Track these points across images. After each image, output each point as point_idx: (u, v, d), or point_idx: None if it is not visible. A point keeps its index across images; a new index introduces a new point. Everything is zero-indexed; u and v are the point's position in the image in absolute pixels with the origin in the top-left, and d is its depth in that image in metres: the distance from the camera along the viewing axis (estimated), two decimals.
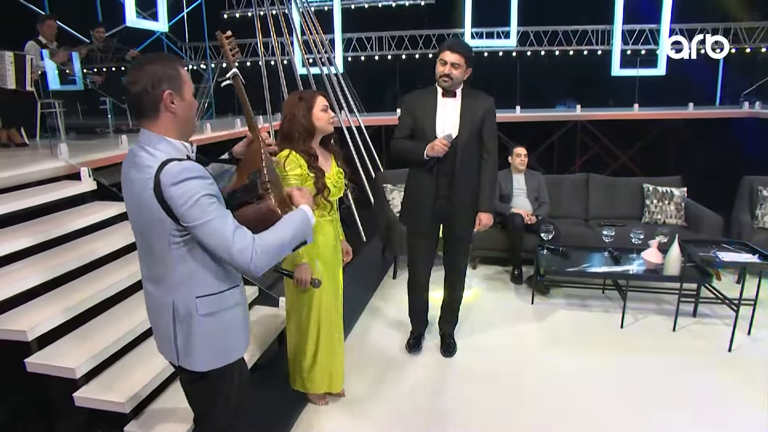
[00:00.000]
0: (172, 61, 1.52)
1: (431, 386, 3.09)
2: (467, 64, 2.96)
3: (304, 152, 2.48)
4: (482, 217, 3.12)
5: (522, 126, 7.48)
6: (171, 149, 1.50)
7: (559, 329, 3.75)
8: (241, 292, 1.71)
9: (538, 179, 4.87)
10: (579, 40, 8.18)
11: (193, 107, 1.58)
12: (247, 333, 1.76)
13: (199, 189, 1.45)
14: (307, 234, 1.64)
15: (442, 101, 3.05)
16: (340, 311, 2.86)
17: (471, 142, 3.03)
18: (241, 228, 1.50)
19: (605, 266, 3.85)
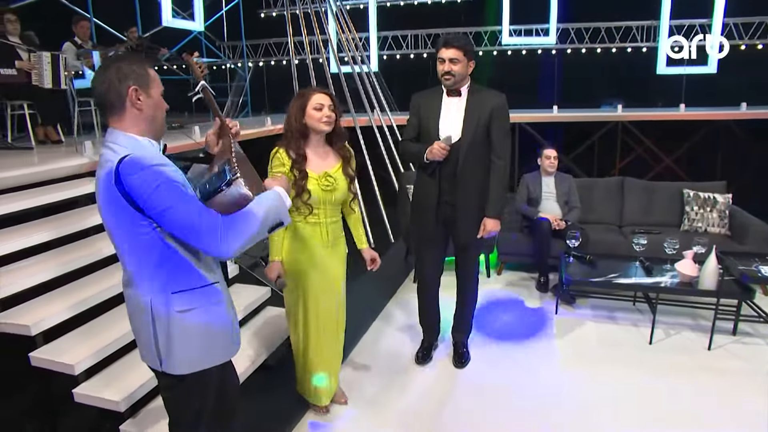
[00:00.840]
0: (142, 61, 1.51)
1: (437, 398, 2.95)
2: (467, 56, 2.80)
3: (293, 151, 2.42)
4: (487, 224, 2.96)
5: (559, 127, 7.20)
6: (135, 146, 1.47)
7: (582, 342, 3.54)
8: (222, 289, 1.64)
9: (568, 182, 4.64)
10: (623, 36, 7.79)
11: (160, 106, 1.55)
12: (233, 335, 1.69)
13: (161, 176, 1.41)
14: (282, 215, 1.55)
15: (446, 101, 2.91)
16: (335, 320, 2.72)
17: (476, 144, 2.87)
18: (208, 210, 1.45)
19: (634, 277, 3.60)
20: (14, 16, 4.80)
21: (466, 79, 2.88)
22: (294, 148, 2.43)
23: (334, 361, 2.78)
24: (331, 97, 2.48)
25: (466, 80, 2.90)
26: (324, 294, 2.63)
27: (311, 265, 2.56)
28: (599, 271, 3.74)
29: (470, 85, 2.92)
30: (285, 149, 2.43)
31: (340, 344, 2.82)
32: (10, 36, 4.77)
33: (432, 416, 2.80)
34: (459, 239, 3.05)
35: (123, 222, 1.46)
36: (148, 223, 1.45)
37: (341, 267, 2.72)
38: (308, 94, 2.45)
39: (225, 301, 1.65)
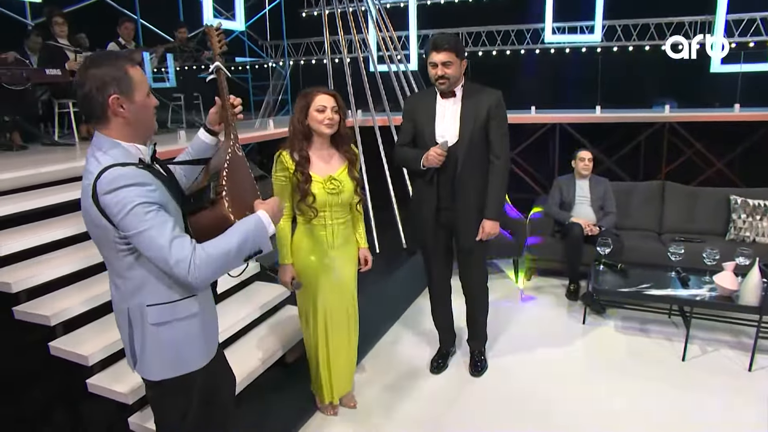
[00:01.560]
0: (121, 61, 1.45)
1: (446, 407, 2.88)
2: (459, 57, 2.71)
3: (297, 153, 2.39)
4: (485, 225, 2.85)
5: (601, 128, 6.90)
6: (121, 154, 1.45)
7: (608, 355, 3.36)
8: (197, 302, 1.61)
9: (604, 186, 4.43)
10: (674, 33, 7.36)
11: (146, 108, 1.51)
12: (205, 345, 1.67)
13: (134, 197, 1.38)
14: (261, 243, 1.51)
15: (441, 103, 2.81)
16: (347, 321, 2.71)
17: (475, 146, 2.76)
18: (180, 237, 1.42)
19: (669, 289, 3.39)
20: (62, 18, 5.03)
21: (460, 79, 2.79)
22: (297, 150, 2.39)
23: (347, 360, 2.76)
24: (335, 98, 2.43)
25: (460, 80, 2.80)
26: (334, 294, 2.61)
27: (321, 266, 2.54)
28: (631, 280, 3.55)
29: (464, 84, 2.82)
30: (288, 152, 2.41)
31: (353, 344, 2.79)
32: (59, 38, 5.00)
33: (438, 426, 2.72)
34: (461, 243, 2.96)
35: (101, 235, 1.46)
36: (125, 240, 1.44)
37: (352, 267, 2.69)
38: (311, 94, 2.41)
39: (200, 314, 1.62)
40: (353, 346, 2.80)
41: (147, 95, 1.51)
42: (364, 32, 7.01)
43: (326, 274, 2.56)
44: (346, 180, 2.49)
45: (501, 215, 2.94)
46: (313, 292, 2.56)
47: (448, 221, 2.92)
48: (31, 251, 2.88)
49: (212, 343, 1.71)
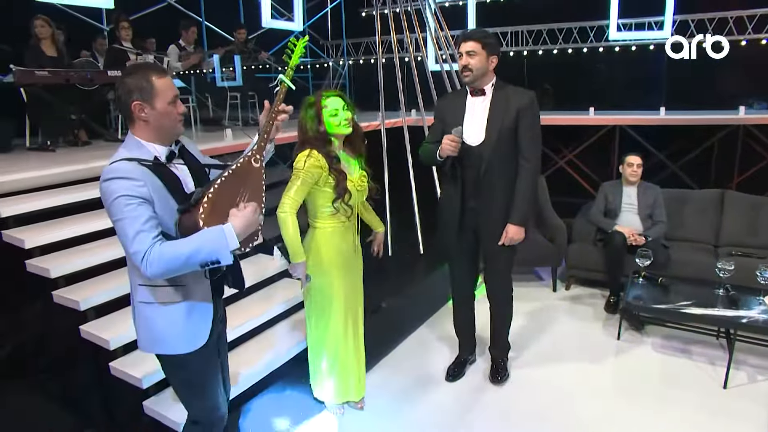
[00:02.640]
0: (149, 72, 1.63)
1: (458, 418, 2.81)
2: (486, 50, 2.61)
3: (325, 155, 2.39)
4: (509, 230, 2.74)
5: (667, 131, 6.46)
6: (138, 150, 1.64)
7: (641, 376, 3.14)
8: (182, 292, 1.71)
9: (654, 194, 4.14)
10: (757, 27, 6.72)
11: (167, 116, 1.65)
12: (188, 335, 1.75)
13: (119, 190, 1.54)
14: (219, 254, 1.56)
15: (470, 101, 2.74)
16: (359, 320, 2.74)
17: (501, 146, 2.67)
18: (146, 232, 1.53)
19: (712, 307, 3.12)
20: (127, 23, 5.38)
21: (488, 75, 2.70)
22: (325, 154, 2.39)
23: (360, 360, 2.79)
24: (342, 97, 2.45)
25: (489, 77, 2.71)
26: (353, 294, 2.67)
27: (344, 266, 2.57)
28: (671, 296, 3.31)
29: (496, 82, 2.73)
30: (319, 152, 2.37)
31: (363, 346, 2.81)
32: (124, 42, 5.35)
33: None
34: (484, 247, 2.87)
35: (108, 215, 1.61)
36: None
37: (361, 267, 2.74)
38: (320, 101, 2.41)
39: (185, 304, 1.73)
40: (363, 352, 2.81)
41: (171, 103, 1.65)
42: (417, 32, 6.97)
43: (348, 275, 2.60)
44: (365, 176, 2.56)
45: (527, 220, 2.81)
46: (335, 292, 2.58)
47: (472, 222, 2.84)
48: (75, 240, 3.11)
49: (199, 336, 1.78)
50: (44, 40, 4.75)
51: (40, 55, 4.70)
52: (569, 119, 6.69)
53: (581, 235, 4.34)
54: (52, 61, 4.74)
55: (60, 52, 4.86)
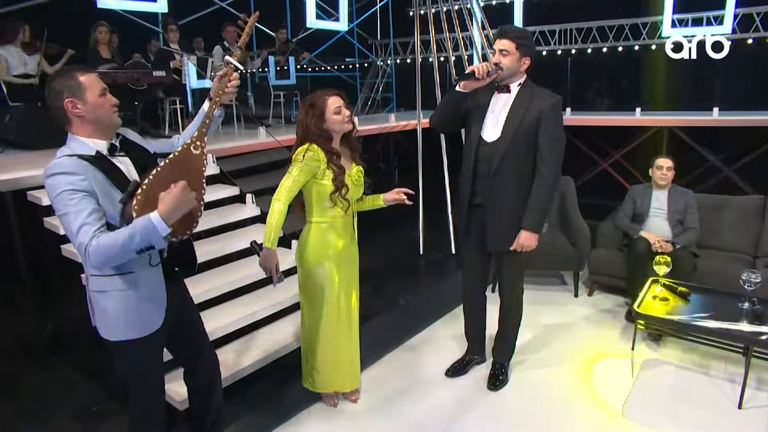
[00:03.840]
0: (73, 71, 1.73)
1: (451, 418, 2.79)
2: (519, 50, 2.58)
3: (326, 151, 2.49)
4: (521, 236, 2.69)
5: (720, 132, 6.08)
6: (78, 146, 1.72)
7: (651, 391, 3.00)
8: (132, 281, 1.79)
9: (686, 199, 3.92)
10: None
11: (100, 107, 1.73)
12: (138, 321, 1.84)
13: (63, 185, 1.62)
14: (152, 240, 1.63)
15: (495, 96, 2.72)
16: (354, 313, 2.80)
17: (516, 147, 2.63)
18: (88, 225, 1.62)
19: (730, 321, 2.93)
20: (175, 26, 5.73)
21: (517, 75, 2.66)
22: (327, 149, 2.49)
23: (353, 352, 2.85)
24: (342, 96, 2.53)
25: (518, 76, 2.68)
26: (347, 286, 2.73)
27: (340, 260, 2.65)
28: (687, 307, 3.13)
29: (523, 82, 2.69)
30: (318, 146, 2.47)
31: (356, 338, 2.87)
32: (171, 43, 5.70)
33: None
34: (489, 247, 2.84)
35: None
36: None
37: (356, 262, 2.81)
38: (322, 101, 2.50)
39: (135, 292, 1.80)
40: (356, 345, 2.87)
41: (101, 95, 1.74)
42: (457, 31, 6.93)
43: (343, 269, 2.67)
44: (361, 171, 2.65)
45: (540, 227, 2.75)
46: (330, 285, 2.66)
47: (480, 219, 2.82)
48: None
49: (151, 322, 1.87)
50: (102, 44, 5.14)
51: (96, 57, 5.10)
52: (613, 120, 6.44)
53: (606, 240, 4.18)
54: (107, 63, 5.13)
55: (113, 55, 5.24)
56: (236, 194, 4.20)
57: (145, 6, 6.15)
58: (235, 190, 4.21)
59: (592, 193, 4.27)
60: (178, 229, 1.73)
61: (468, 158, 2.76)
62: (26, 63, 4.89)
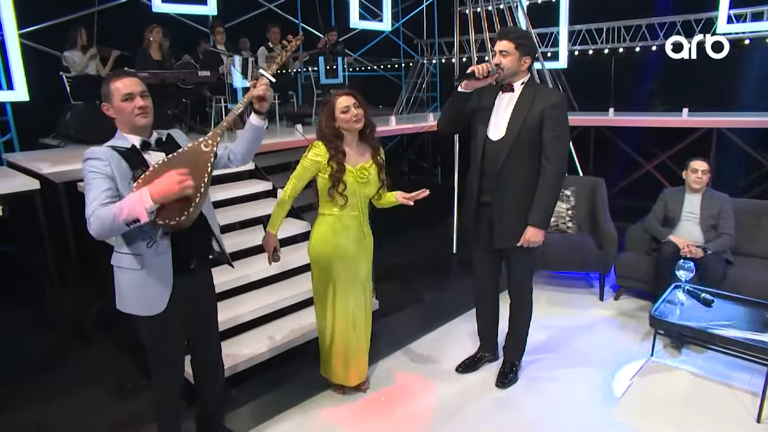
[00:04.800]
0: (110, 79, 2.04)
1: (450, 413, 2.84)
2: (519, 50, 2.62)
3: (333, 148, 2.62)
4: (527, 232, 2.71)
5: None
6: (118, 140, 2.04)
7: (665, 397, 2.93)
8: (139, 261, 2.00)
9: (721, 204, 3.77)
10: None
11: (122, 110, 1.99)
12: (144, 300, 2.04)
13: (88, 167, 1.92)
14: (136, 213, 1.78)
15: (500, 96, 2.76)
16: (362, 307, 2.88)
17: (520, 145, 2.66)
18: (97, 200, 1.86)
19: (752, 331, 2.82)
20: (222, 28, 6.03)
21: (519, 74, 2.70)
22: (333, 147, 2.63)
23: (360, 349, 2.94)
24: (353, 95, 2.64)
25: (520, 76, 2.71)
26: (353, 283, 2.81)
27: (344, 257, 2.75)
28: (707, 314, 3.03)
29: (527, 81, 2.72)
30: (326, 144, 2.64)
31: (367, 334, 2.96)
32: (218, 45, 6.00)
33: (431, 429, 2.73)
34: (496, 244, 2.87)
35: None
36: None
37: (369, 259, 2.89)
38: (332, 99, 2.65)
39: (141, 273, 2.01)
40: (367, 336, 2.96)
41: (124, 100, 1.98)
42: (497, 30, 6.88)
43: (348, 265, 2.77)
44: (373, 169, 2.72)
45: (547, 223, 2.77)
46: (334, 282, 2.78)
47: (487, 216, 2.86)
48: None
49: (155, 304, 2.05)
50: (153, 45, 5.50)
51: (147, 58, 5.46)
52: (658, 121, 6.21)
53: (635, 243, 4.08)
54: (157, 64, 5.48)
55: (164, 56, 5.59)
56: (269, 189, 4.40)
57: (197, 9, 6.53)
58: (269, 185, 4.41)
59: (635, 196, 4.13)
60: (167, 212, 1.87)
61: (475, 157, 2.81)
62: (86, 64, 5.31)
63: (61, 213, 3.79)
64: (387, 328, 3.79)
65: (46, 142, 5.39)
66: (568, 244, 4.21)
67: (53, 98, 5.47)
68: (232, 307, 3.43)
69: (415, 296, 4.40)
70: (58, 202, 3.78)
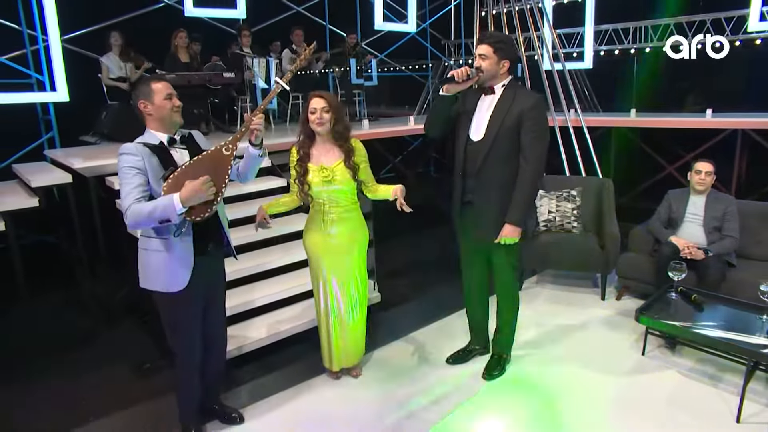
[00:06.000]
0: (149, 80, 2.29)
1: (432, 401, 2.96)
2: (497, 54, 2.73)
3: (301, 150, 2.84)
4: (504, 230, 2.81)
5: None
6: (148, 137, 2.28)
7: (653, 398, 2.95)
8: (164, 245, 2.26)
9: (725, 205, 3.74)
10: None
11: (162, 108, 2.24)
12: (165, 278, 2.29)
13: (123, 162, 2.16)
14: (168, 214, 2.08)
15: (482, 99, 2.88)
16: (350, 297, 3.03)
17: (498, 145, 2.77)
18: (131, 194, 2.11)
19: (737, 332, 2.82)
20: (248, 31, 6.30)
21: (498, 77, 2.81)
22: (301, 146, 2.85)
23: (351, 335, 3.10)
24: (325, 99, 2.78)
25: (502, 78, 2.82)
26: (339, 274, 2.98)
27: (325, 248, 2.94)
28: (696, 315, 3.06)
29: (508, 83, 2.83)
30: (297, 148, 2.88)
31: (358, 322, 3.10)
32: (244, 47, 6.28)
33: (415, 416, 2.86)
34: (476, 240, 2.97)
35: None
36: None
37: (355, 252, 3.01)
38: (308, 99, 2.82)
39: (166, 255, 2.27)
40: (359, 324, 3.11)
41: (165, 99, 2.24)
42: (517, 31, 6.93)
43: (330, 255, 2.94)
44: (340, 170, 2.83)
45: (523, 221, 2.86)
46: (319, 269, 2.98)
47: (470, 214, 2.98)
48: None
49: (177, 282, 2.30)
50: (181, 48, 5.83)
51: (176, 61, 5.79)
52: (681, 122, 6.11)
53: (638, 243, 4.09)
54: (185, 66, 5.80)
55: (192, 58, 5.91)
56: (284, 185, 4.63)
57: (227, 13, 6.84)
58: (283, 181, 4.64)
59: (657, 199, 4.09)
60: (194, 211, 2.16)
61: (458, 157, 2.93)
62: (121, 67, 5.69)
63: (91, 205, 4.13)
64: (386, 320, 3.95)
65: (85, 139, 5.78)
66: (571, 244, 4.25)
67: (93, 98, 5.87)
68: (247, 292, 3.68)
69: (417, 291, 4.54)
70: (89, 195, 4.11)
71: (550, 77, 6.57)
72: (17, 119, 5.64)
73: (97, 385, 3.21)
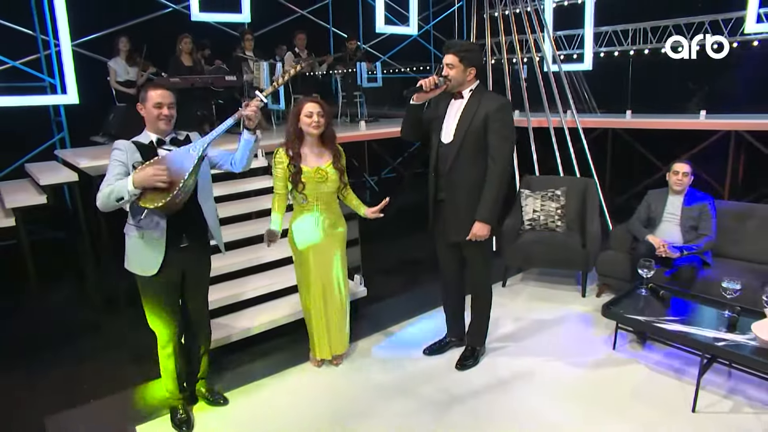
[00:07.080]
0: (148, 86, 2.56)
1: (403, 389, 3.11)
2: (462, 63, 2.87)
3: (291, 151, 2.98)
4: (474, 227, 2.96)
5: None
6: (143, 136, 2.57)
7: (617, 389, 3.06)
8: (139, 232, 2.51)
9: (702, 205, 3.83)
10: None
11: (150, 113, 2.51)
12: (141, 261, 2.55)
13: (112, 156, 2.47)
14: (122, 193, 2.32)
15: (452, 103, 3.03)
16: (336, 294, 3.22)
17: (466, 147, 2.93)
18: (109, 180, 2.37)
19: (700, 327, 2.93)
20: (251, 35, 6.52)
21: (466, 83, 2.95)
22: (291, 148, 3.00)
23: (334, 327, 3.28)
24: (320, 104, 2.97)
25: (468, 84, 2.97)
26: (322, 269, 3.16)
27: (311, 246, 3.11)
28: (660, 310, 3.17)
29: (475, 88, 2.98)
30: (285, 149, 3.02)
31: (340, 315, 3.28)
32: (246, 51, 6.50)
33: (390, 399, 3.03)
34: (448, 238, 3.12)
35: None
36: None
37: (339, 248, 3.20)
38: (301, 103, 2.99)
39: (140, 241, 2.53)
40: (341, 317, 3.29)
41: (154, 107, 2.49)
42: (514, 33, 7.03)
43: (316, 253, 3.12)
44: (331, 171, 3.04)
45: (492, 218, 3.00)
46: (306, 266, 3.15)
47: (444, 214, 3.13)
48: None
49: (149, 266, 2.55)
50: (185, 53, 6.07)
51: (179, 65, 6.03)
52: (674, 123, 6.17)
53: (618, 242, 4.19)
54: (188, 70, 6.04)
55: (195, 62, 6.15)
56: None
57: (232, 17, 7.07)
58: None
59: None
60: (149, 198, 2.36)
61: (431, 159, 3.09)
62: (128, 71, 5.95)
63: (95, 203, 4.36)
64: (371, 313, 4.12)
65: (95, 139, 6.06)
66: (554, 242, 4.37)
67: (103, 100, 6.15)
68: (239, 285, 3.88)
69: (404, 286, 4.71)
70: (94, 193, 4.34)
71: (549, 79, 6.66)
72: (31, 121, 5.95)
73: (99, 371, 3.45)
